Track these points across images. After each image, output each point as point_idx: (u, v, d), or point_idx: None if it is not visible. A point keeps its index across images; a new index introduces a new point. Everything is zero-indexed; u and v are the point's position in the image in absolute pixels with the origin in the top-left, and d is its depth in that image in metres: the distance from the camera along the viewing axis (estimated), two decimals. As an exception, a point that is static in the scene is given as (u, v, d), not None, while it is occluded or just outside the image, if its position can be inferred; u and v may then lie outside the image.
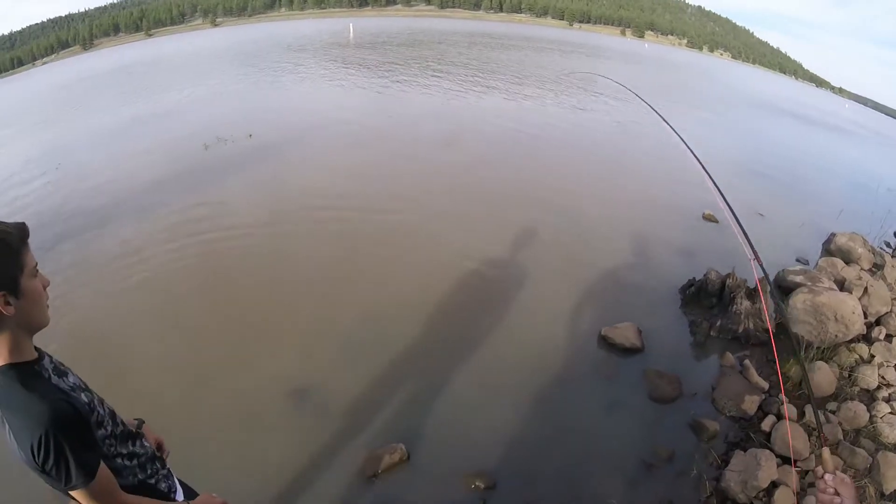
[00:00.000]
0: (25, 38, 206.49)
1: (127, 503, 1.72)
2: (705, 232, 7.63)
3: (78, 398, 1.65)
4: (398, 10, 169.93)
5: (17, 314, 1.52)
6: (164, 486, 1.98)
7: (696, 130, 15.45)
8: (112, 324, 5.57)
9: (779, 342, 4.93)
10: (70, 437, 1.52)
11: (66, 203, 9.37)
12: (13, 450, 1.54)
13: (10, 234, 1.51)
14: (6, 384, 1.53)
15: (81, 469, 1.54)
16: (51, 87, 40.85)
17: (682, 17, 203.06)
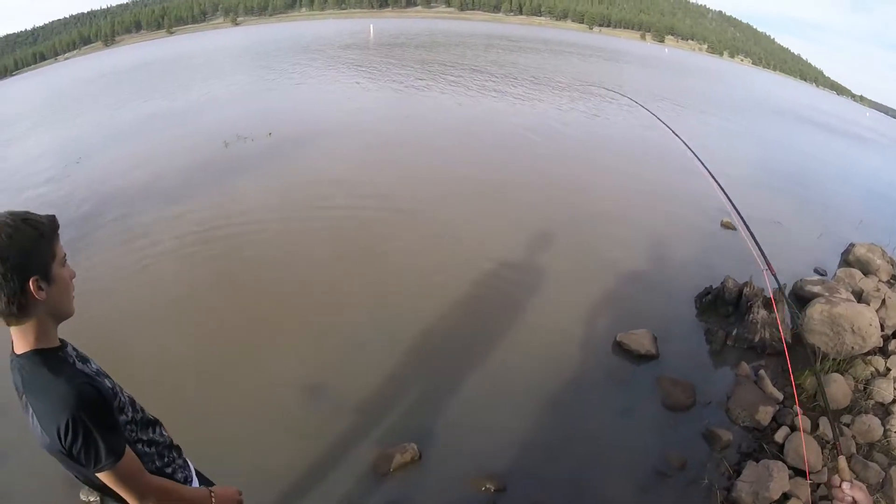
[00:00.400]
0: (47, 34, 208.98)
1: (152, 483, 1.77)
2: (723, 239, 7.57)
3: (102, 382, 1.71)
4: (418, 12, 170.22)
5: (47, 300, 1.58)
6: (180, 476, 2.03)
7: (714, 137, 15.43)
8: (126, 316, 5.67)
9: (794, 353, 4.91)
10: (97, 419, 1.56)
11: (85, 197, 9.49)
12: (36, 434, 1.59)
13: (43, 224, 1.58)
14: (33, 369, 1.58)
15: (110, 450, 1.58)
16: (73, 82, 41.39)
17: (703, 21, 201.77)
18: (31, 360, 1.59)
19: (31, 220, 1.56)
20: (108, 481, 1.65)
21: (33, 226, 1.56)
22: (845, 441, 3.93)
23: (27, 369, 1.59)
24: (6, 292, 1.49)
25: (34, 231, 1.55)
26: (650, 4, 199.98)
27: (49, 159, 13.52)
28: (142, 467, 1.76)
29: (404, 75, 23.01)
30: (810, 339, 4.97)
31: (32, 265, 1.54)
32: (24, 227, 1.53)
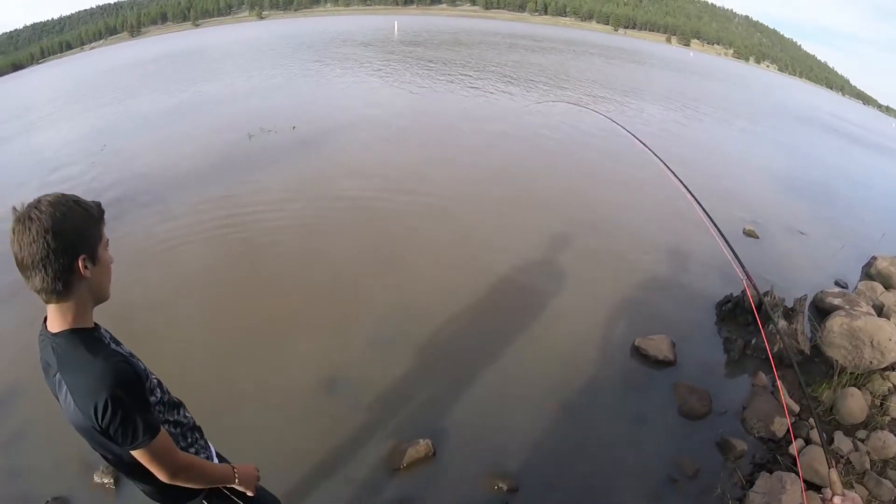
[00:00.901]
0: (74, 24, 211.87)
1: (182, 460, 1.83)
2: (745, 247, 7.47)
3: (137, 363, 1.77)
4: (443, 9, 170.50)
5: (90, 281, 1.63)
6: (202, 456, 2.10)
7: (738, 143, 15.31)
8: (147, 302, 5.77)
9: (812, 365, 4.89)
10: (134, 397, 1.62)
11: (109, 184, 9.68)
12: (68, 412, 1.64)
13: (92, 207, 1.64)
14: (70, 348, 1.61)
15: (147, 428, 1.64)
16: (99, 72, 41.84)
17: (729, 26, 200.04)
18: (67, 339, 1.63)
19: (82, 202, 1.62)
20: (141, 458, 1.70)
21: (84, 207, 1.61)
22: (859, 457, 3.90)
23: (63, 348, 1.62)
24: (54, 268, 1.53)
25: (85, 212, 1.61)
26: (676, 7, 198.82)
27: (75, 146, 13.78)
28: (174, 445, 1.82)
29: (427, 74, 23.05)
30: (829, 352, 4.94)
31: (82, 244, 1.59)
32: (76, 208, 1.58)
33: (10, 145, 16.55)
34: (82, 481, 3.85)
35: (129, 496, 3.68)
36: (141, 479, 1.89)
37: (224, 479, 2.06)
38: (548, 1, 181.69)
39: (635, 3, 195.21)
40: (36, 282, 1.55)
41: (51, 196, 1.56)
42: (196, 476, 1.90)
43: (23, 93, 42.56)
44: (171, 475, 1.78)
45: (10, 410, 4.61)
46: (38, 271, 1.52)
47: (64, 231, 1.53)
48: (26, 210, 1.52)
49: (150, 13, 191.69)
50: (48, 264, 1.52)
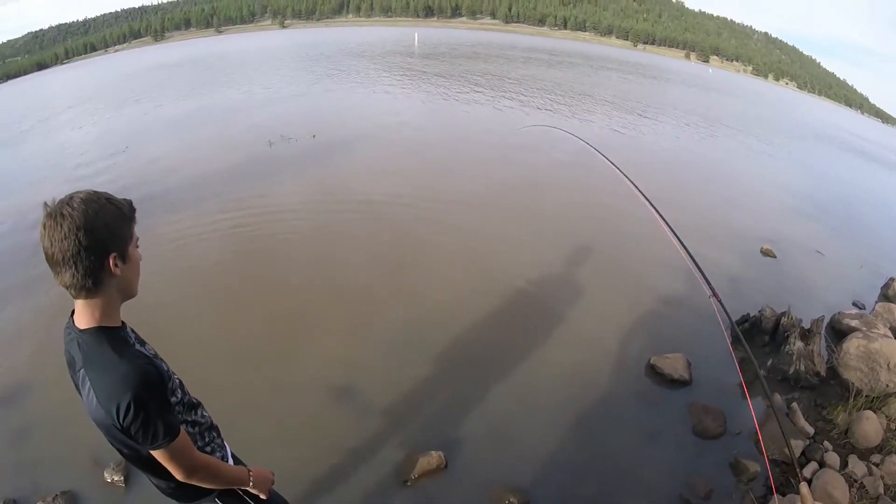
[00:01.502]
0: (98, 26, 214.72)
1: (199, 460, 1.87)
2: (762, 267, 7.48)
3: (161, 364, 1.80)
4: (463, 23, 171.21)
5: (119, 278, 1.66)
6: (218, 455, 2.13)
7: (756, 162, 15.24)
8: (162, 303, 5.82)
9: (828, 387, 4.87)
10: (156, 399, 1.64)
11: (129, 184, 9.85)
12: (90, 408, 1.65)
13: (124, 205, 1.67)
14: (96, 345, 1.63)
15: (167, 430, 1.66)
16: (122, 75, 42.35)
17: (748, 42, 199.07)
18: (94, 337, 1.65)
19: (114, 200, 1.64)
20: (159, 457, 1.73)
21: (116, 205, 1.64)
22: (873, 481, 3.88)
23: (89, 345, 1.64)
24: (85, 264, 1.55)
25: (117, 210, 1.64)
26: (695, 23, 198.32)
27: (98, 146, 14.03)
28: (192, 445, 1.85)
29: (445, 87, 23.16)
30: (845, 374, 4.91)
31: (113, 242, 1.61)
32: (109, 206, 1.61)
33: (34, 142, 16.84)
34: (92, 477, 3.91)
35: (139, 494, 3.74)
36: (156, 475, 1.91)
37: (239, 481, 2.09)
38: (567, 16, 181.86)
39: (654, 18, 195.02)
40: (66, 278, 1.56)
41: (83, 193, 1.58)
42: (211, 476, 1.94)
43: (47, 92, 43.20)
44: (187, 475, 1.82)
45: (24, 404, 4.70)
46: (69, 267, 1.54)
47: (96, 228, 1.55)
48: (58, 206, 1.53)
49: (173, 18, 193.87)
50: (79, 261, 1.54)
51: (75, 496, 3.80)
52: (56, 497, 3.76)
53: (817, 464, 4.04)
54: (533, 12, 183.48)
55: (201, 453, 1.93)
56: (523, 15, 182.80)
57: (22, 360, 5.26)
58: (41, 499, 3.77)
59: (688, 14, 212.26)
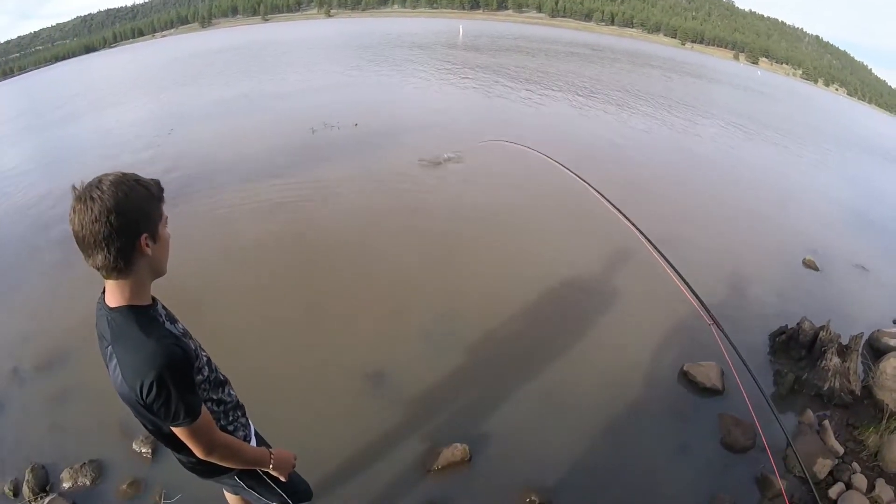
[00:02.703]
0: (146, 11, 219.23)
1: (220, 440, 1.92)
2: (804, 279, 7.32)
3: (188, 344, 1.82)
4: (508, 16, 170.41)
5: (150, 258, 1.69)
6: (241, 435, 2.17)
7: (805, 170, 14.89)
8: (200, 281, 6.06)
9: (861, 407, 4.77)
10: (180, 380, 1.67)
11: (173, 165, 10.18)
12: (115, 383, 1.71)
13: (153, 186, 1.70)
14: (125, 323, 1.67)
15: (189, 410, 1.70)
16: (170, 59, 43.25)
17: (799, 46, 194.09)
18: (123, 315, 1.68)
19: (142, 181, 1.67)
20: (180, 434, 1.78)
21: (145, 186, 1.66)
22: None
23: (118, 323, 1.68)
24: (117, 246, 1.58)
25: (146, 191, 1.66)
26: (745, 24, 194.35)
27: (144, 128, 14.40)
28: (213, 424, 1.90)
29: (489, 80, 23.07)
30: (879, 395, 4.79)
31: (144, 223, 1.64)
32: (138, 187, 1.63)
33: (83, 123, 17.35)
34: (121, 447, 4.05)
35: (166, 467, 3.85)
36: (177, 450, 1.96)
37: (259, 462, 2.13)
38: (615, 11, 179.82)
39: (703, 17, 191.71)
40: (98, 260, 1.59)
41: (112, 175, 1.60)
42: (231, 456, 1.97)
43: (96, 75, 44.29)
44: (206, 453, 1.86)
45: (60, 373, 4.91)
46: (101, 250, 1.56)
47: (127, 210, 1.57)
48: (87, 189, 1.55)
49: (221, 6, 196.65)
50: (111, 243, 1.56)
51: (103, 465, 3.94)
52: (84, 465, 3.90)
53: (844, 485, 3.97)
54: (580, 7, 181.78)
55: (222, 433, 1.96)
56: (570, 10, 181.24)
57: (62, 331, 5.49)
58: (69, 465, 3.92)
59: (738, 14, 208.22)
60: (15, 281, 6.75)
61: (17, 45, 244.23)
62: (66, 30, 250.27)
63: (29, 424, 4.41)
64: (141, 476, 3.85)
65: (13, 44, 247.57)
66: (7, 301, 6.35)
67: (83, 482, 3.82)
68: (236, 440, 2.05)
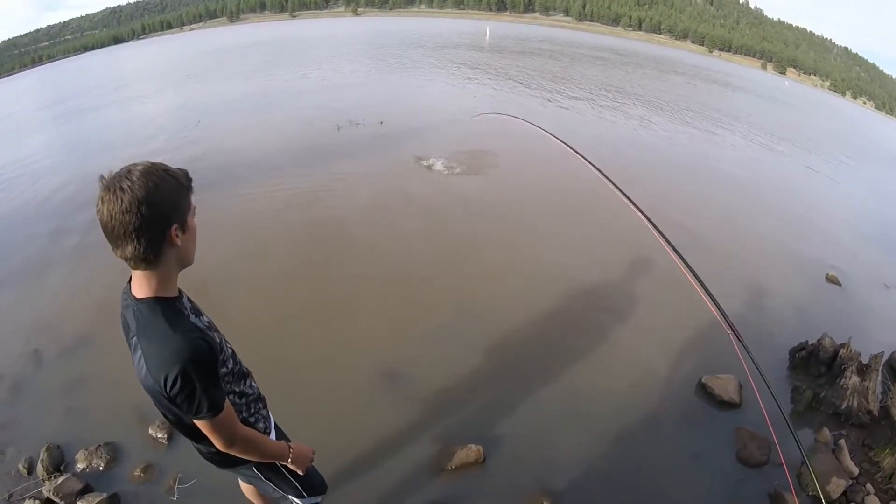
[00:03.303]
0: (175, 4, 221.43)
1: (241, 434, 1.93)
2: (826, 294, 7.22)
3: (213, 337, 1.81)
4: (535, 18, 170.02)
5: (179, 249, 1.69)
6: (261, 426, 2.19)
7: (835, 181, 14.68)
8: (222, 272, 6.18)
9: (879, 427, 4.72)
10: (204, 375, 1.68)
11: (200, 156, 10.33)
12: (140, 374, 1.71)
13: (181, 176, 1.68)
14: (151, 316, 1.67)
15: (212, 405, 1.71)
16: (198, 52, 43.67)
17: (827, 56, 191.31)
18: (149, 307, 1.68)
19: (171, 171, 1.65)
20: (202, 427, 1.80)
21: (174, 176, 1.64)
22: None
23: (144, 314, 1.68)
24: (148, 237, 1.57)
25: (176, 181, 1.64)
26: (774, 32, 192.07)
27: (172, 119, 14.61)
28: (235, 418, 1.91)
29: (515, 84, 23.05)
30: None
31: (174, 214, 1.63)
32: (168, 177, 1.61)
33: (110, 113, 17.63)
34: (137, 432, 4.12)
35: (180, 453, 3.92)
36: (196, 440, 1.98)
37: (278, 456, 2.15)
38: (642, 16, 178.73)
39: (731, 25, 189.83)
40: (127, 251, 1.58)
41: (141, 165, 1.58)
42: (251, 450, 1.99)
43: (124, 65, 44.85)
44: (227, 446, 1.88)
45: (80, 356, 5.02)
46: (130, 241, 1.55)
47: (158, 201, 1.56)
48: (117, 179, 1.53)
49: (249, 1, 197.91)
50: (141, 234, 1.55)
51: (118, 448, 4.02)
52: (99, 447, 3.97)
53: (856, 506, 3.94)
54: (607, 11, 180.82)
55: (244, 426, 1.97)
56: (597, 14, 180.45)
57: (84, 316, 5.61)
58: (84, 447, 3.99)
59: (766, 22, 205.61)
60: (40, 265, 6.92)
61: (46, 35, 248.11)
62: (96, 20, 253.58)
63: (46, 406, 4.51)
64: (156, 461, 3.92)
65: (42, 32, 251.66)
66: (31, 285, 6.51)
67: (97, 464, 3.89)
68: (257, 434, 2.07)
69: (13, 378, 4.87)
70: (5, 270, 6.94)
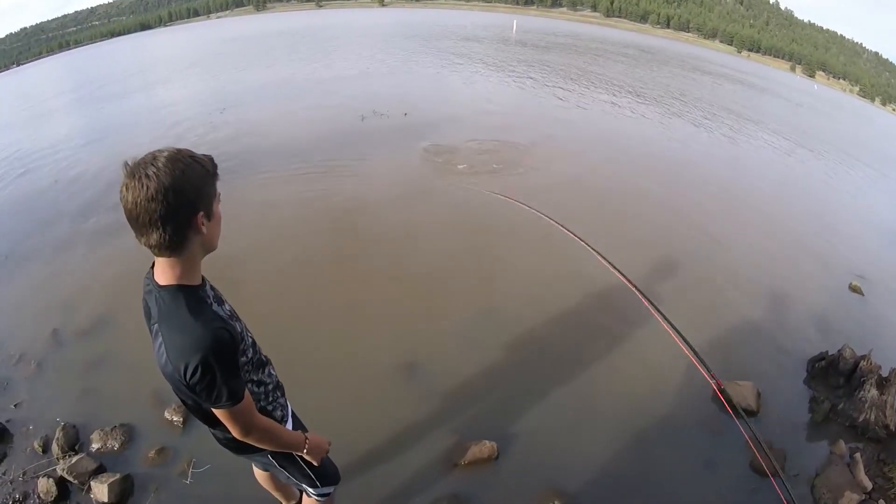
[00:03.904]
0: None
1: (257, 423, 1.93)
2: (849, 303, 7.08)
3: (234, 327, 1.81)
4: (562, 13, 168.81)
5: (204, 235, 1.69)
6: (278, 415, 2.21)
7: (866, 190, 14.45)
8: (244, 261, 6.26)
9: (895, 443, 4.65)
10: (224, 363, 1.68)
11: (224, 141, 10.48)
12: (160, 361, 1.71)
13: (207, 162, 1.67)
14: (173, 303, 1.67)
15: (231, 394, 1.72)
16: (226, 40, 43.97)
17: (857, 61, 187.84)
18: (172, 295, 1.68)
19: (197, 157, 1.63)
20: (220, 416, 1.81)
21: (200, 163, 1.63)
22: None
23: (166, 302, 1.68)
24: (174, 225, 1.56)
25: (202, 168, 1.63)
26: (804, 35, 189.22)
27: (198, 105, 14.75)
28: (254, 408, 1.92)
29: (540, 75, 23.00)
30: (915, 432, 4.67)
31: (201, 201, 1.63)
32: (195, 164, 1.59)
33: (137, 98, 17.85)
34: (152, 414, 4.19)
35: (195, 436, 3.97)
36: (213, 426, 2.00)
37: (294, 446, 2.16)
38: (671, 14, 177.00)
39: (761, 25, 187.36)
40: (152, 239, 1.57)
41: (166, 151, 1.56)
42: (268, 439, 2.00)
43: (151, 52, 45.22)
44: (243, 434, 1.89)
45: (99, 337, 5.11)
46: (156, 229, 1.54)
47: (184, 189, 1.54)
48: (142, 166, 1.51)
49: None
50: (167, 222, 1.54)
51: (133, 430, 4.09)
52: (115, 428, 4.05)
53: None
54: (635, 8, 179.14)
55: (261, 416, 1.98)
56: (625, 10, 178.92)
57: (105, 298, 5.73)
58: (100, 428, 4.06)
59: (796, 24, 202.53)
60: (63, 246, 7.08)
61: (73, 20, 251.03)
62: (123, 6, 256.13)
63: (63, 386, 4.61)
64: (170, 444, 3.99)
65: (70, 18, 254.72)
66: (54, 265, 6.66)
67: (112, 445, 3.97)
68: (274, 423, 2.08)
69: (33, 357, 4.98)
70: (30, 249, 7.11)
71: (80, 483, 3.69)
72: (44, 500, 3.62)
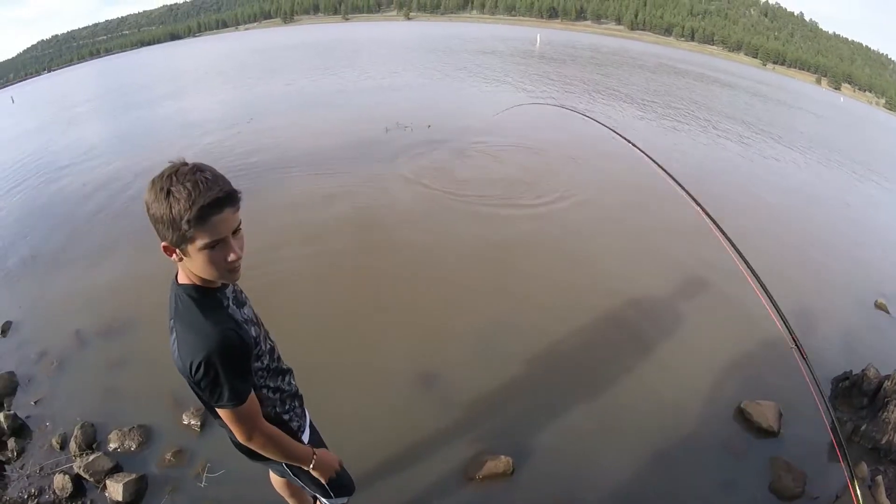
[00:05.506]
0: (231, 4, 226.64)
1: (261, 429, 1.96)
2: (874, 322, 6.92)
3: (248, 331, 1.89)
4: (587, 26, 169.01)
5: (184, 263, 1.73)
6: (295, 424, 2.25)
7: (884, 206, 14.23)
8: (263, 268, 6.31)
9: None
10: (230, 365, 1.73)
11: (250, 151, 10.63)
12: (174, 357, 1.78)
13: (182, 209, 1.60)
14: (188, 302, 1.75)
15: (233, 395, 1.76)
16: (254, 51, 44.67)
17: (884, 73, 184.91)
18: (188, 294, 1.77)
19: (177, 196, 1.59)
20: (223, 416, 1.86)
21: (172, 204, 1.59)
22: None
23: (182, 300, 1.76)
24: None
25: (169, 212, 1.59)
26: (829, 46, 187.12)
27: (226, 115, 14.98)
28: (259, 412, 1.94)
29: (566, 89, 22.99)
30: (940, 457, 4.57)
31: (161, 234, 1.66)
32: (166, 201, 1.59)
33: (167, 107, 18.15)
34: (170, 417, 4.25)
35: (212, 441, 4.01)
36: (225, 426, 2.02)
37: (300, 459, 2.17)
38: (695, 27, 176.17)
39: (786, 38, 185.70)
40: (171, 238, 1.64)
41: (180, 169, 1.61)
42: (271, 447, 2.02)
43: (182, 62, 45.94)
44: (245, 439, 1.93)
45: (121, 339, 5.21)
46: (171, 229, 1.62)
47: (154, 214, 1.61)
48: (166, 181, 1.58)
49: (303, 3, 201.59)
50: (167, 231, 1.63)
51: (150, 430, 4.16)
52: (133, 428, 4.13)
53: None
54: (660, 21, 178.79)
55: (268, 424, 2.00)
56: (649, 23, 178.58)
57: (129, 300, 5.86)
58: (118, 427, 4.13)
59: (821, 35, 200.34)
60: (89, 249, 7.27)
61: (104, 29, 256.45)
62: (153, 17, 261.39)
63: (84, 385, 4.72)
64: (187, 447, 4.04)
65: (101, 27, 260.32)
66: (78, 267, 6.82)
67: (129, 445, 4.04)
68: (281, 433, 2.09)
69: (55, 355, 5.12)
70: (56, 250, 7.28)
71: (96, 481, 3.77)
72: (59, 495, 3.70)
